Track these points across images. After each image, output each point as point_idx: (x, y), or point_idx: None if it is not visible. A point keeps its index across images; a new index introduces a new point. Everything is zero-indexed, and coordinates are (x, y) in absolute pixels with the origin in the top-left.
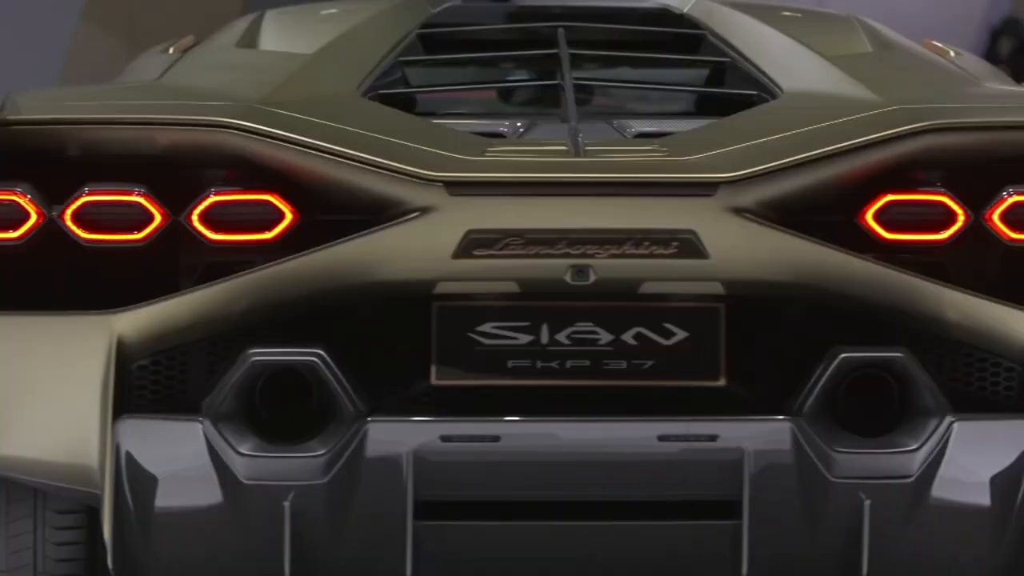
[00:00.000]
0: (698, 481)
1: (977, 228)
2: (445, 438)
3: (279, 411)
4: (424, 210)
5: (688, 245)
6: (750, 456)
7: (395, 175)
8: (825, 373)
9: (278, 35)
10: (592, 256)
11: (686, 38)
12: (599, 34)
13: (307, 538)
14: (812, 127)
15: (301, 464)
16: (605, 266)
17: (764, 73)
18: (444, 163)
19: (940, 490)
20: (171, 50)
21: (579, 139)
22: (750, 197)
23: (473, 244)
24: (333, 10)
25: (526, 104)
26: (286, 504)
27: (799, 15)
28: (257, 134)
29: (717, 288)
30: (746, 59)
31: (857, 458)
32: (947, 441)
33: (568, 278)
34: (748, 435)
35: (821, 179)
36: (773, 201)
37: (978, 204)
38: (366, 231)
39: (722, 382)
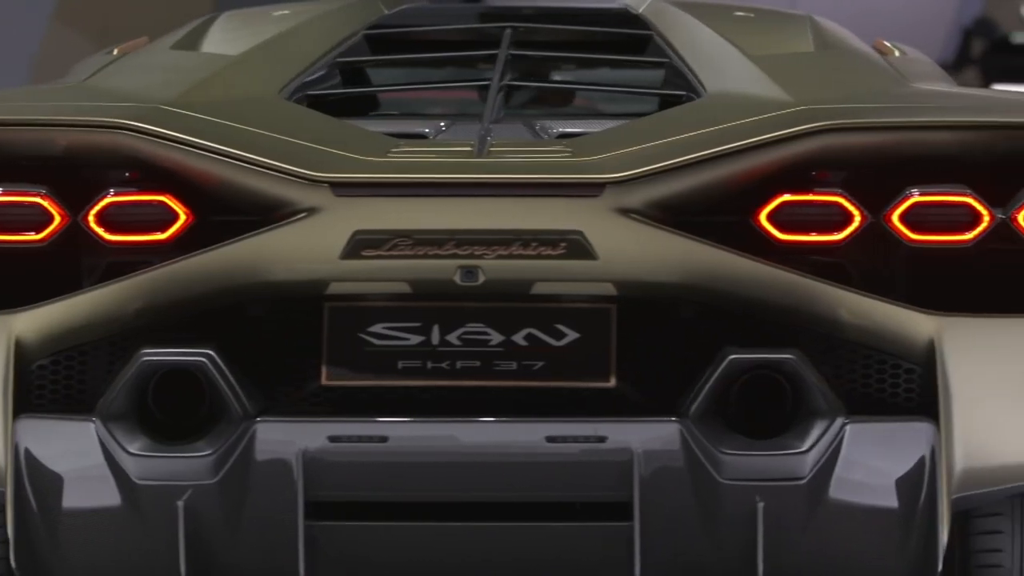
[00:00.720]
0: (588, 483)
1: (877, 229)
2: (333, 438)
3: (172, 411)
4: (311, 211)
5: (576, 246)
6: (639, 457)
7: (282, 176)
8: (713, 374)
9: (221, 36)
10: (480, 257)
11: (634, 39)
12: (548, 35)
13: (202, 538)
14: (711, 128)
15: (189, 464)
16: (494, 267)
17: (694, 74)
18: (331, 164)
19: (836, 492)
20: (115, 51)
21: (487, 140)
22: (638, 198)
23: (361, 245)
24: (286, 11)
25: (455, 105)
26: (180, 504)
27: (752, 15)
28: (150, 135)
29: (607, 289)
30: (682, 60)
31: (747, 460)
32: (840, 443)
33: (457, 279)
34: (637, 436)
35: (712, 180)
36: (662, 202)
37: (878, 205)
38: (255, 232)
39: (612, 383)
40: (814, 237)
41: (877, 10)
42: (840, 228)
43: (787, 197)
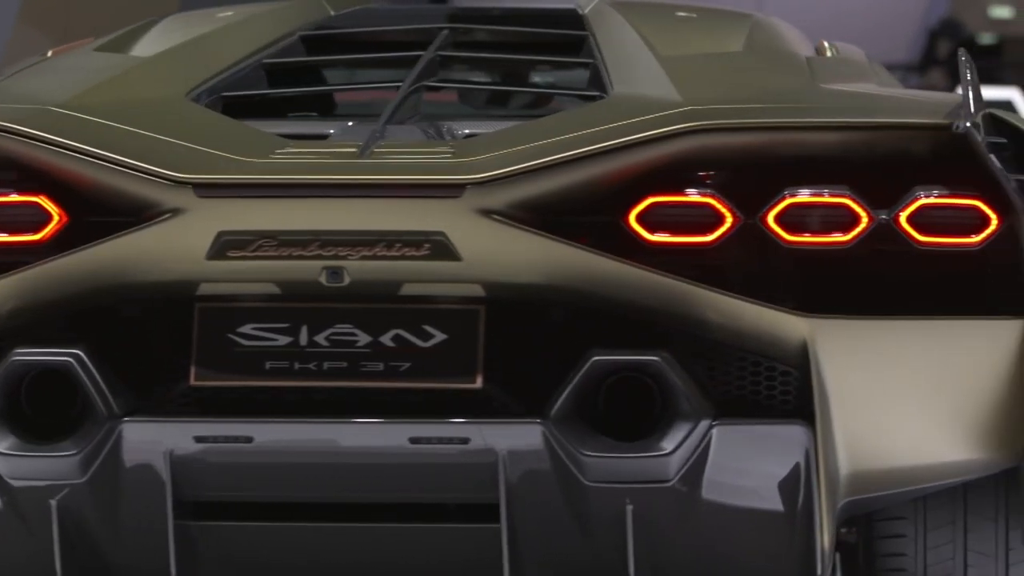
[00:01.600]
0: (453, 484)
1: (751, 230)
2: (200, 439)
3: (45, 411)
4: (175, 212)
5: (439, 247)
6: (504, 459)
7: (147, 177)
8: (576, 376)
9: (153, 38)
10: (344, 258)
11: (571, 40)
12: (489, 36)
13: (76, 538)
14: (587, 130)
15: (57, 464)
16: (358, 268)
17: (608, 75)
18: (198, 165)
19: (707, 495)
20: (50, 53)
21: (376, 141)
22: (500, 199)
23: (226, 246)
24: (230, 13)
25: (375, 107)
26: (52, 504)
27: (695, 15)
28: (22, 136)
29: (474, 290)
30: (603, 61)
31: (611, 462)
32: (708, 446)
33: (323, 280)
34: (501, 438)
35: (579, 181)
36: (526, 203)
37: (753, 206)
38: (122, 232)
39: (478, 384)
40: (684, 238)
41: (844, 12)
42: (711, 229)
43: (656, 198)
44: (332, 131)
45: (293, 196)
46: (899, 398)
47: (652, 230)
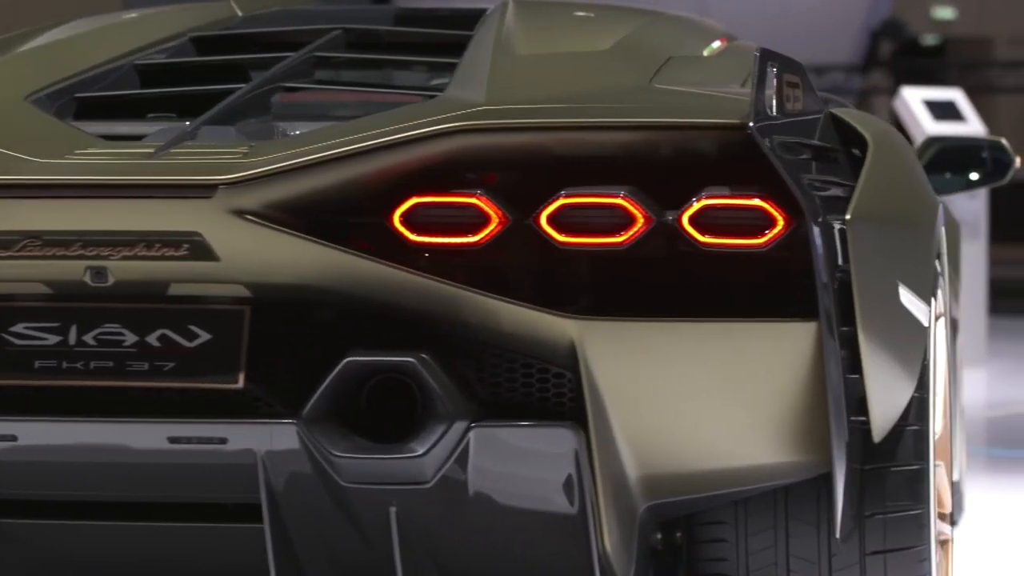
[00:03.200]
0: (214, 484)
1: (522, 231)
2: None
3: None
4: None
5: (197, 247)
6: (263, 459)
7: None
8: (328, 376)
9: (37, 38)
10: (107, 258)
11: (459, 40)
12: (388, 37)
13: None
14: (358, 132)
15: None
16: (121, 268)
17: (455, 75)
18: None
19: (471, 497)
20: None
21: (178, 142)
22: (254, 199)
23: None
24: (133, 14)
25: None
26: None
27: (592, 14)
28: None
29: (238, 291)
30: (462, 62)
31: (367, 463)
32: (467, 448)
33: (88, 280)
34: (258, 438)
35: (339, 181)
36: (283, 203)
37: (524, 206)
38: None
39: (240, 384)
40: (449, 239)
41: (786, 13)
42: (476, 230)
43: (420, 199)
44: (153, 131)
45: (59, 197)
46: (688, 401)
47: (416, 231)
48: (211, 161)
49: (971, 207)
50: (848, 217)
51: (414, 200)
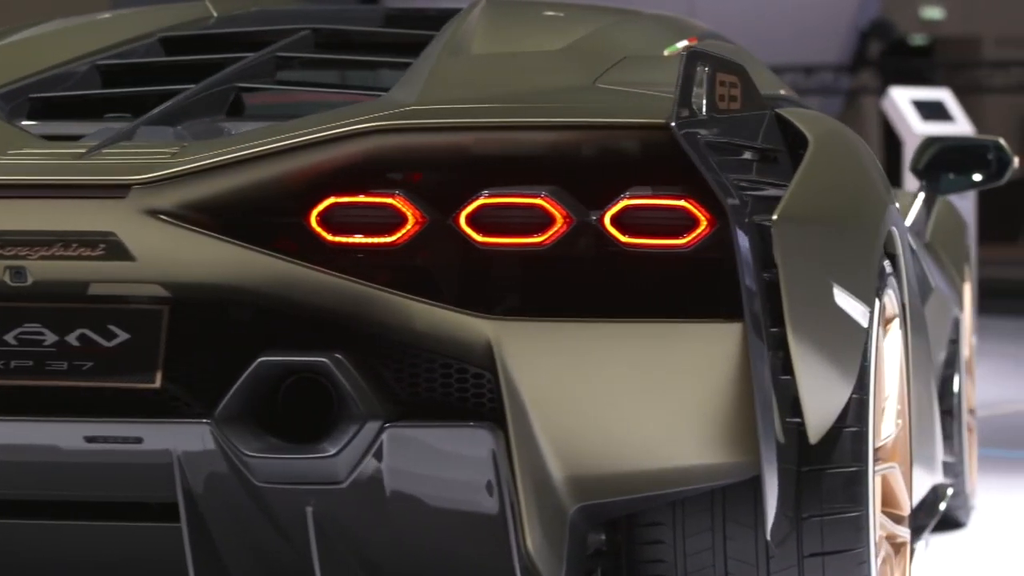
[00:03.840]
0: (131, 483)
1: (441, 231)
2: None
3: None
4: None
5: (113, 247)
6: (179, 459)
7: None
8: (241, 376)
9: (7, 37)
10: (25, 258)
11: (424, 40)
12: (351, 37)
13: None
14: (284, 132)
15: None
16: (39, 268)
17: (404, 75)
18: None
19: (388, 496)
20: None
21: (113, 142)
22: (168, 199)
23: None
24: (107, 15)
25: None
26: None
27: (562, 14)
28: None
29: (157, 291)
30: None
31: (280, 463)
32: (381, 448)
33: (8, 279)
34: (173, 438)
35: (255, 181)
36: (197, 203)
37: (443, 207)
38: None
39: (158, 384)
40: (365, 239)
41: (775, 13)
42: (393, 230)
43: (337, 199)
44: (94, 131)
45: None
46: (613, 401)
47: (333, 231)
48: (131, 161)
49: (960, 206)
50: (775, 217)
51: (331, 200)
